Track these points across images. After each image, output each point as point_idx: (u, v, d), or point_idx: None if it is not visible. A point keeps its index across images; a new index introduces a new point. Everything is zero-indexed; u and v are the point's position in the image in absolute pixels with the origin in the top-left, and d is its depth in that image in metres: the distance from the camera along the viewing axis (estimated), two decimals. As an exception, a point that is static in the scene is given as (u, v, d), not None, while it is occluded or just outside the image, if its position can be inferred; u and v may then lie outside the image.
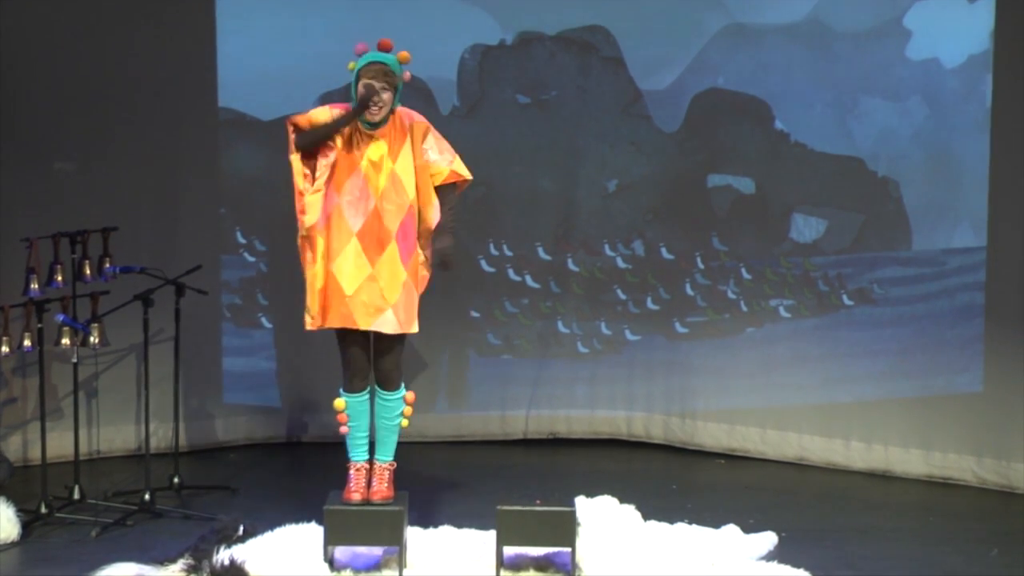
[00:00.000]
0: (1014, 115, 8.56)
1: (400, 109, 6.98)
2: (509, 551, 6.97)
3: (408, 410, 7.09)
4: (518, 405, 9.86)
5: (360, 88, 6.79)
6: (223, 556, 6.86)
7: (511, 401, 9.86)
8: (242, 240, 9.59)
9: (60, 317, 7.89)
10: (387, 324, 6.87)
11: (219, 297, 9.48)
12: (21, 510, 7.69)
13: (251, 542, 7.15)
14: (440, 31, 9.58)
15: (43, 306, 7.91)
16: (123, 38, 9.16)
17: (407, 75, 6.98)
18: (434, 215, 7.00)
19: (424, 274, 7.03)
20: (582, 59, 9.68)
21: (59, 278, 8.14)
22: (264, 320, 9.64)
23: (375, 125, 6.87)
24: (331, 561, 6.95)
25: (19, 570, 7.19)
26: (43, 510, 7.83)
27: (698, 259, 9.63)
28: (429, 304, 7.25)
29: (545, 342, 9.84)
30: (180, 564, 6.92)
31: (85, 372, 8.76)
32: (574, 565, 6.90)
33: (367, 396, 7.03)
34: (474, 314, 9.82)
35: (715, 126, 9.54)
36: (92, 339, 8.10)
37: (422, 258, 7.02)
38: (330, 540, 6.93)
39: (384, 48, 6.92)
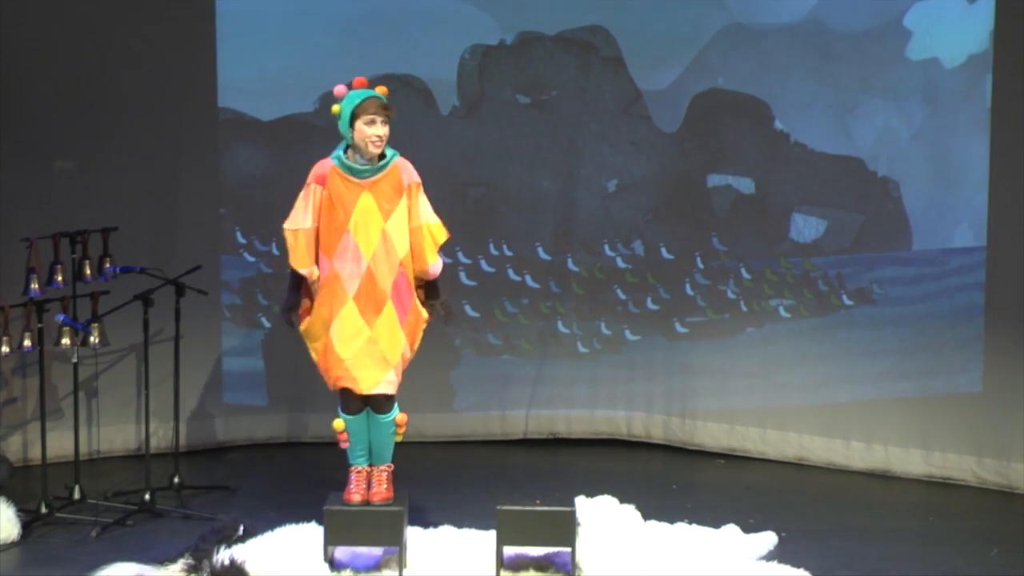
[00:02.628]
0: (1014, 115, 8.56)
1: (399, 162, 6.91)
2: (509, 551, 6.97)
3: (401, 430, 7.09)
4: (518, 405, 9.86)
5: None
6: (223, 556, 6.86)
7: (511, 401, 9.86)
8: (242, 240, 9.59)
9: (60, 317, 7.89)
10: (387, 386, 6.90)
11: (219, 297, 9.48)
12: (21, 510, 7.69)
13: (251, 542, 7.15)
14: (440, 31, 9.58)
15: (43, 306, 7.92)
16: (123, 38, 9.16)
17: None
18: (437, 265, 6.97)
19: (421, 327, 7.02)
20: (582, 59, 9.69)
21: (59, 278, 8.15)
22: (264, 320, 9.64)
23: (370, 167, 6.80)
24: (331, 561, 6.95)
25: (19, 570, 7.20)
26: (43, 510, 7.84)
27: (698, 259, 9.63)
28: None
29: (545, 342, 9.84)
30: (180, 564, 6.93)
31: (85, 372, 8.75)
32: (574, 565, 6.90)
33: (365, 414, 7.03)
34: (474, 314, 9.82)
35: (715, 126, 9.54)
36: (92, 339, 8.10)
37: (424, 314, 7.01)
38: (330, 540, 6.93)
39: (362, 86, 6.90)
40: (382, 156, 6.86)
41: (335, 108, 6.83)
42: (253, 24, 9.43)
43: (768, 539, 7.55)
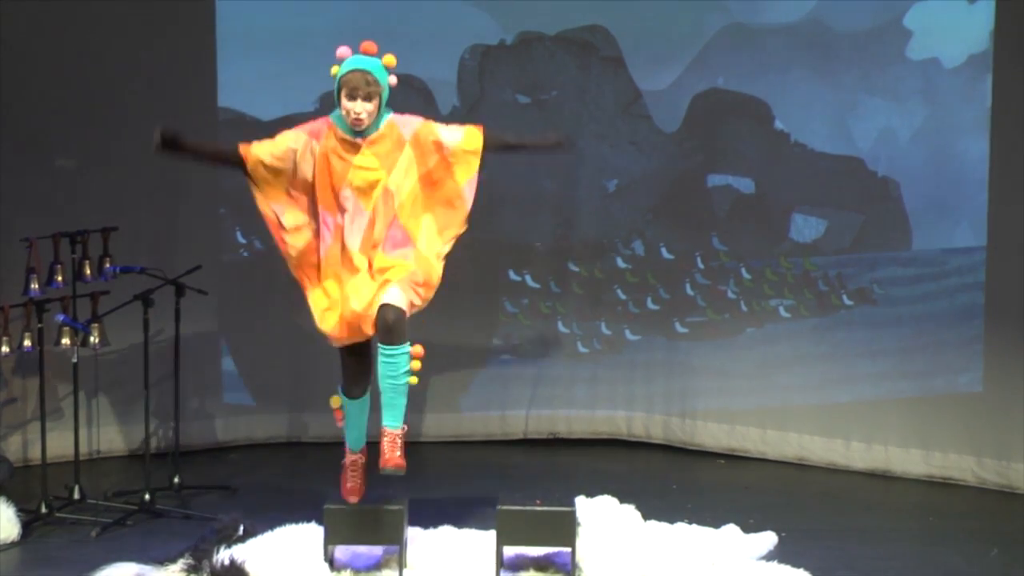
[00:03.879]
0: (1014, 115, 8.56)
1: (394, 118, 6.55)
2: (509, 551, 6.97)
3: (416, 364, 6.45)
4: (518, 405, 9.86)
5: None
6: (223, 556, 6.86)
7: (511, 401, 9.86)
8: (242, 240, 9.59)
9: (60, 317, 7.89)
10: (391, 296, 6.34)
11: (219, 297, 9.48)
12: (21, 510, 7.69)
13: (251, 542, 7.15)
14: (440, 31, 9.58)
15: (43, 306, 7.92)
16: (123, 38, 9.16)
17: (393, 80, 6.51)
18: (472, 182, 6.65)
19: (434, 267, 6.58)
20: (582, 59, 9.69)
21: (59, 278, 8.15)
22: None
23: (361, 132, 6.46)
24: (331, 561, 6.95)
25: (19, 570, 7.20)
26: (43, 510, 7.84)
27: (698, 259, 9.63)
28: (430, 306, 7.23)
29: (545, 342, 9.84)
30: (180, 564, 6.93)
31: (85, 372, 8.76)
32: (574, 565, 6.90)
33: (365, 400, 6.79)
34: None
35: (715, 126, 9.54)
36: (92, 339, 8.11)
37: (438, 248, 6.61)
38: (330, 540, 6.93)
39: (367, 52, 6.46)
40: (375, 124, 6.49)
41: (334, 70, 6.48)
42: (253, 24, 9.43)
43: (768, 539, 7.55)
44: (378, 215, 6.44)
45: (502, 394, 9.87)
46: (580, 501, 7.45)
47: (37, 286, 8.05)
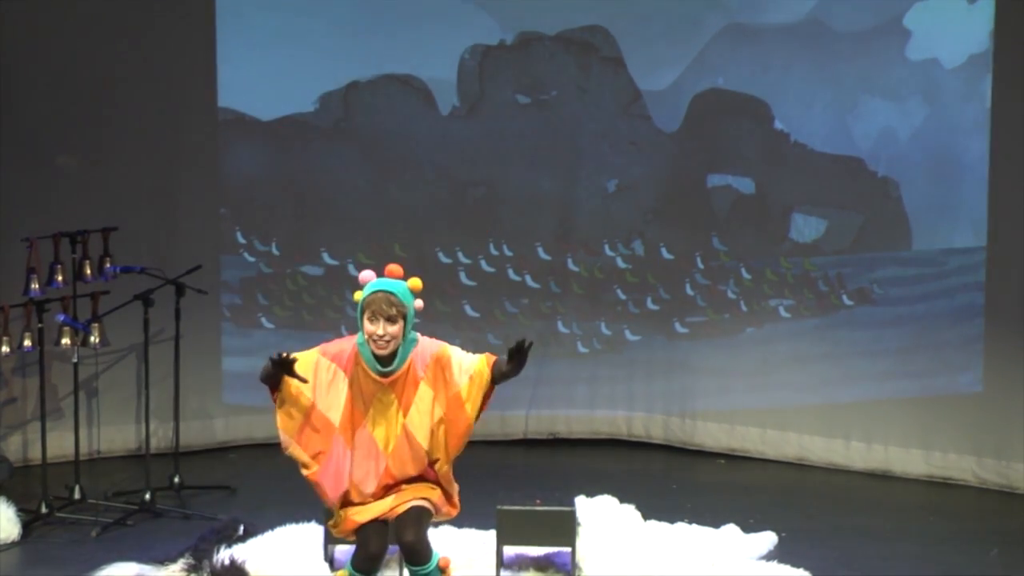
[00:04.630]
0: (1014, 115, 8.56)
1: (415, 352, 5.96)
2: (509, 551, 6.97)
3: (448, 574, 6.12)
4: (518, 405, 9.85)
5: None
6: (223, 556, 6.86)
7: (511, 401, 9.84)
8: (242, 240, 9.59)
9: (60, 317, 7.89)
10: (418, 501, 6.10)
11: (219, 297, 9.47)
12: (21, 510, 7.70)
13: (251, 542, 7.16)
14: (440, 31, 9.58)
15: (43, 306, 7.92)
16: (123, 38, 9.16)
17: (419, 303, 5.95)
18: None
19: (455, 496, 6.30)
20: (582, 59, 9.68)
21: (59, 278, 8.15)
22: (264, 320, 9.63)
23: (386, 368, 5.91)
24: (331, 561, 6.95)
25: (19, 570, 7.20)
26: (43, 510, 7.84)
27: (698, 259, 9.63)
28: (429, 307, 7.23)
29: (545, 342, 9.83)
30: (180, 564, 6.93)
31: (85, 372, 8.76)
32: (574, 565, 6.90)
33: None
34: (474, 314, 9.82)
35: (715, 126, 9.54)
36: (92, 339, 8.11)
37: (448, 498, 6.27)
38: (330, 540, 6.93)
39: (392, 275, 5.95)
40: (399, 352, 5.93)
41: (357, 295, 5.96)
42: (253, 24, 9.43)
43: (768, 539, 7.55)
44: (399, 459, 6.03)
45: (502, 394, 9.78)
46: (580, 501, 7.45)
47: (37, 286, 8.05)
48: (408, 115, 9.64)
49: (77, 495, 8.07)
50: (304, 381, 5.95)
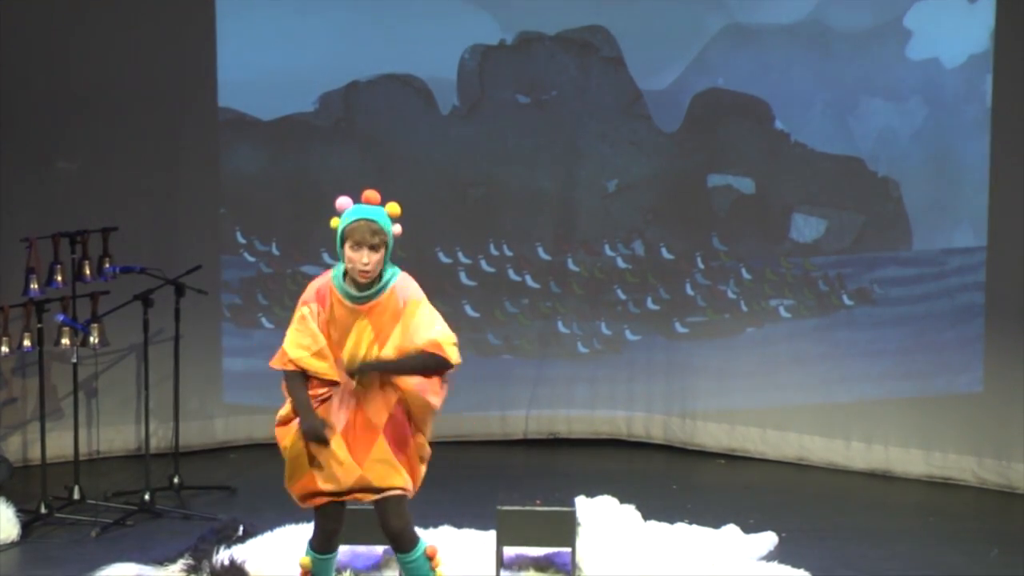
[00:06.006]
0: (1014, 115, 8.56)
1: (397, 283, 5.87)
2: (509, 551, 6.97)
3: (436, 563, 6.04)
4: (518, 405, 9.86)
5: (304, 428, 5.90)
6: (223, 556, 6.86)
7: (511, 401, 9.86)
8: (242, 240, 9.59)
9: (60, 317, 7.89)
10: (397, 485, 5.97)
11: (219, 297, 9.48)
12: (21, 510, 7.69)
13: (251, 542, 7.16)
14: (440, 31, 9.58)
15: (43, 306, 7.92)
16: (123, 38, 9.16)
17: (397, 229, 5.89)
18: (438, 398, 6.05)
19: (423, 466, 6.11)
20: (582, 59, 9.68)
21: (59, 278, 8.15)
22: (264, 320, 9.63)
23: (364, 294, 5.83)
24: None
25: (19, 570, 7.20)
26: (43, 510, 7.84)
27: (698, 259, 9.63)
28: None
29: (545, 342, 9.84)
30: (180, 564, 6.93)
31: (85, 372, 8.76)
32: (574, 565, 6.90)
33: (336, 554, 6.15)
34: (474, 314, 9.82)
35: (715, 126, 9.54)
36: (92, 339, 8.10)
37: (428, 450, 6.13)
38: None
39: (370, 201, 5.86)
40: (380, 278, 5.87)
41: (334, 222, 5.86)
42: (253, 24, 9.43)
43: (768, 539, 7.55)
44: (369, 396, 5.90)
45: (502, 394, 9.87)
46: (580, 501, 7.44)
47: (37, 286, 8.04)
48: (408, 115, 9.64)
49: (77, 495, 8.07)
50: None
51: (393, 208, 5.88)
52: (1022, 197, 8.56)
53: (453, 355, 5.94)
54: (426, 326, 5.84)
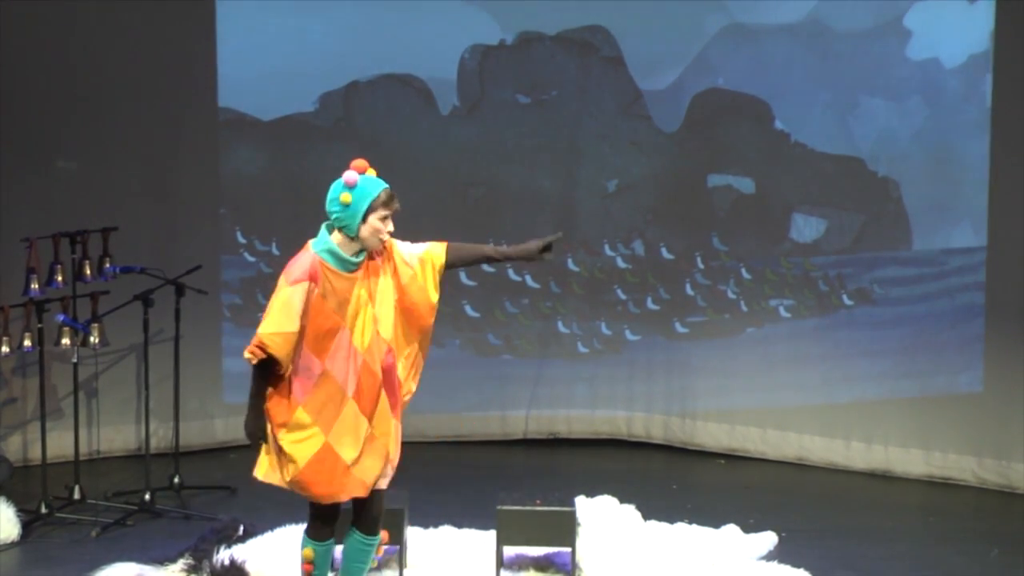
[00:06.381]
0: (1014, 115, 8.56)
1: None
2: (509, 551, 6.97)
3: (381, 550, 6.54)
4: (518, 405, 9.86)
5: None
6: (223, 556, 6.86)
7: (511, 401, 9.86)
8: (242, 240, 9.59)
9: (60, 317, 7.89)
10: (386, 479, 6.07)
11: (219, 297, 9.48)
12: (21, 510, 7.69)
13: (251, 542, 7.16)
14: (440, 31, 9.58)
15: (43, 306, 7.92)
16: (123, 38, 9.16)
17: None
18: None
19: (405, 400, 6.16)
20: (582, 59, 9.69)
21: (59, 278, 8.14)
22: (264, 320, 9.62)
23: (358, 260, 5.93)
24: (331, 561, 6.94)
25: (19, 570, 7.20)
26: (43, 510, 7.84)
27: (698, 259, 9.63)
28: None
29: (545, 342, 9.84)
30: (180, 564, 6.93)
31: (85, 372, 8.76)
32: (574, 565, 6.90)
33: (333, 541, 6.19)
34: (474, 314, 9.82)
35: (715, 126, 9.54)
36: (92, 339, 8.10)
37: (407, 394, 6.15)
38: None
39: (363, 171, 6.03)
40: None
41: (345, 197, 5.92)
42: (253, 24, 9.43)
43: (768, 539, 7.55)
44: (372, 353, 5.94)
45: (502, 394, 9.87)
46: (580, 501, 7.45)
47: (37, 286, 8.04)
48: (408, 115, 9.64)
49: (77, 495, 8.07)
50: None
51: (371, 170, 6.05)
52: (1022, 197, 8.57)
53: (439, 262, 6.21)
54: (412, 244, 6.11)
